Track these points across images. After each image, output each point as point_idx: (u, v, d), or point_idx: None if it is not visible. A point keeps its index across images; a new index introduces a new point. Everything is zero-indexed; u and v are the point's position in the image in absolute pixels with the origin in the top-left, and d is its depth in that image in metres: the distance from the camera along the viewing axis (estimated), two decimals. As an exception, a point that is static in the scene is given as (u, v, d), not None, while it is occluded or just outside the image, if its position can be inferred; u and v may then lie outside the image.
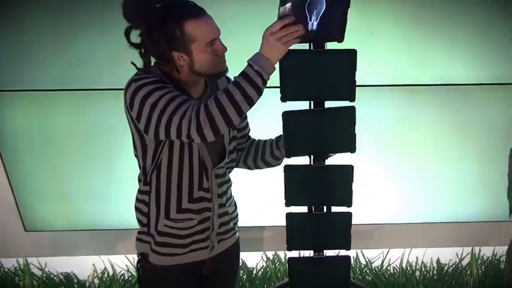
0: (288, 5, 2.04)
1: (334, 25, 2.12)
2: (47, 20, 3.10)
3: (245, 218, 3.54)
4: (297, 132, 2.55)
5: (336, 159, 2.69)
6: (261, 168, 2.72)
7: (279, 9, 2.06)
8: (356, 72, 2.37)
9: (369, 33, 2.98)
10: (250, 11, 3.04)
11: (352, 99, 2.47)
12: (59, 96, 3.28)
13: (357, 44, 2.92)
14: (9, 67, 3.09)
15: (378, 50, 3.03)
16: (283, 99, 2.43)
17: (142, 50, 2.22)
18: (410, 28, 2.98)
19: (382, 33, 2.99)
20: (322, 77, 2.45)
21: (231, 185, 2.62)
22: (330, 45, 2.26)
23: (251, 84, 2.10)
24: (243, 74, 2.10)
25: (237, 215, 2.72)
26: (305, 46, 2.26)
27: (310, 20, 2.09)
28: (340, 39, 2.07)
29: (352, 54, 2.38)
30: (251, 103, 2.14)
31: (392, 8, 2.92)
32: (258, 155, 2.66)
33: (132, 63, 2.20)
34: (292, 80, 2.39)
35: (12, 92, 3.11)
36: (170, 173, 2.36)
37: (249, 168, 2.73)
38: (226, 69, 2.30)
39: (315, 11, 2.06)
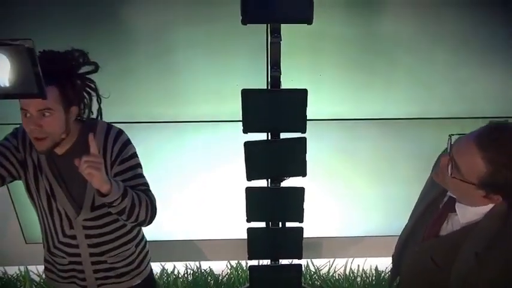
0: None
1: (31, 81, 1.85)
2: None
3: (212, 232, 3.53)
4: (257, 159, 2.55)
5: (289, 182, 2.70)
6: None
7: None
8: (307, 107, 2.38)
9: (318, 75, 3.00)
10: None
11: (304, 131, 2.46)
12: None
13: (308, 83, 2.93)
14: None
15: (324, 89, 3.04)
16: (245, 131, 2.43)
17: None
18: (352, 71, 3.00)
19: (329, 75, 3.01)
20: (277, 112, 2.45)
21: (117, 238, 2.32)
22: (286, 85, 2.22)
23: None
24: None
25: (128, 266, 2.41)
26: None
27: None
28: (41, 95, 1.77)
29: (303, 92, 2.39)
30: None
31: (338, 55, 2.95)
32: None
33: None
34: (252, 115, 2.39)
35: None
36: (42, 216, 2.27)
37: None
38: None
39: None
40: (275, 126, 2.52)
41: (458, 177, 1.66)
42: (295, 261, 3.00)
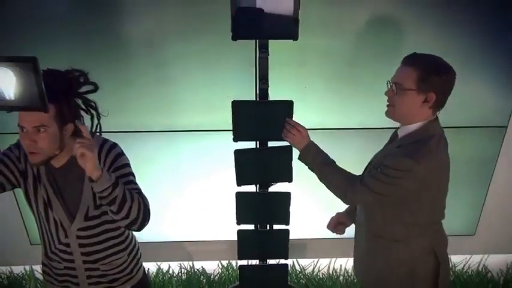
0: None
1: (34, 96, 1.81)
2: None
3: (205, 234, 3.52)
4: (246, 166, 2.56)
5: (277, 188, 2.70)
6: None
7: None
8: (293, 118, 2.39)
9: (303, 88, 3.01)
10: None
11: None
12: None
13: (294, 95, 2.95)
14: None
15: (310, 100, 3.05)
16: (235, 139, 2.43)
17: None
18: (336, 83, 3.01)
19: (314, 87, 3.01)
20: (265, 121, 2.46)
21: (109, 247, 2.30)
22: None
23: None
24: None
25: (120, 272, 2.39)
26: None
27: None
28: (44, 109, 1.80)
29: (289, 104, 2.41)
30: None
31: (322, 68, 2.95)
32: None
33: None
34: (242, 125, 2.40)
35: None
36: (40, 223, 2.26)
37: None
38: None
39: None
40: (264, 135, 2.53)
41: (402, 89, 2.12)
42: (282, 261, 3.01)
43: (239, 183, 2.61)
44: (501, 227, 3.77)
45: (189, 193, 3.28)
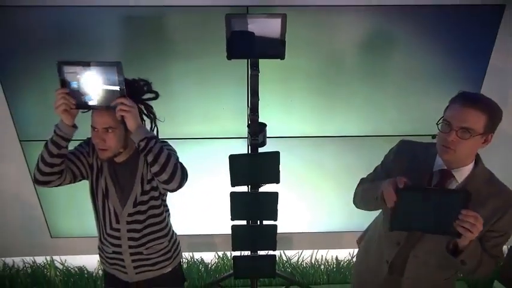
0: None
1: (116, 96, 1.92)
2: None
3: (203, 228, 3.52)
4: (239, 169, 2.57)
5: (266, 188, 2.71)
6: None
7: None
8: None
9: (289, 101, 3.02)
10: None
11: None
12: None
13: (281, 106, 2.99)
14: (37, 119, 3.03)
15: (295, 111, 3.06)
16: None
17: None
18: (317, 97, 3.01)
19: (298, 100, 3.01)
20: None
21: (153, 233, 2.33)
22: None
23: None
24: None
25: (160, 256, 2.41)
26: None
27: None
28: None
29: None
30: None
31: (305, 84, 2.96)
32: None
33: None
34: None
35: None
36: (97, 211, 2.29)
37: None
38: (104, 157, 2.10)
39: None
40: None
41: (472, 135, 1.74)
42: (271, 252, 3.02)
43: (233, 184, 2.63)
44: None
45: (189, 193, 3.28)
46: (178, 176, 2.04)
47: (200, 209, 3.40)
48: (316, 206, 3.47)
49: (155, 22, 2.73)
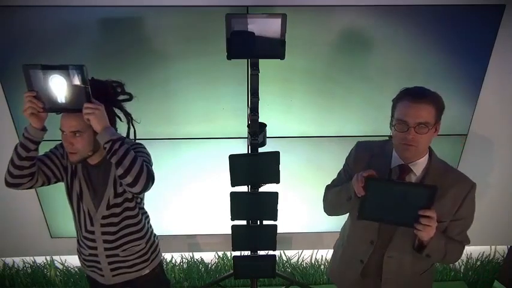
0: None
1: (82, 99, 1.89)
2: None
3: (203, 228, 3.51)
4: (239, 169, 2.57)
5: (266, 188, 2.70)
6: None
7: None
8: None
9: (289, 101, 3.01)
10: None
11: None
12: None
13: (281, 107, 2.98)
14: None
15: (294, 112, 3.05)
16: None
17: None
18: (317, 97, 3.00)
19: (298, 100, 3.01)
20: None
21: (128, 234, 2.31)
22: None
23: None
24: None
25: (137, 258, 2.39)
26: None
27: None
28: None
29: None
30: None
31: (305, 84, 2.95)
32: None
33: None
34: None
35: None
36: (73, 213, 2.29)
37: None
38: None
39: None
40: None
41: (429, 129, 1.81)
42: (271, 252, 3.02)
43: (233, 184, 2.62)
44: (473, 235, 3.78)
45: (189, 192, 3.28)
46: (143, 179, 1.99)
47: (200, 209, 3.39)
48: (316, 206, 3.46)
49: (155, 22, 2.72)
